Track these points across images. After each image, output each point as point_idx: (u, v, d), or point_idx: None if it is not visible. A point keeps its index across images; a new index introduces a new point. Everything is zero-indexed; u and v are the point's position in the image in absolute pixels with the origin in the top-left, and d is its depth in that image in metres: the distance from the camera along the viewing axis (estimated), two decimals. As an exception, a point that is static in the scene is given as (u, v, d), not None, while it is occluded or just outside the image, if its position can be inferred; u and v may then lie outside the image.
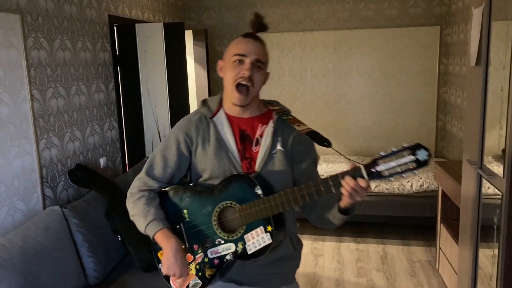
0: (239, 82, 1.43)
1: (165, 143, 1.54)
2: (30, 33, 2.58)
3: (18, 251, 2.04)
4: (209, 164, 1.48)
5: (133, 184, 1.56)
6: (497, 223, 2.09)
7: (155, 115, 3.75)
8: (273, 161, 1.47)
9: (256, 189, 1.40)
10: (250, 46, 1.44)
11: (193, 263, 1.49)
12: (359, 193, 1.27)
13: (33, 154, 2.57)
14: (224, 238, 1.44)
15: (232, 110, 1.53)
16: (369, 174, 1.26)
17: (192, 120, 1.54)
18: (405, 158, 1.21)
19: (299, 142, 1.52)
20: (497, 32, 2.12)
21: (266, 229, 1.40)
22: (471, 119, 2.41)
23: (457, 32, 4.32)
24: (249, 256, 1.42)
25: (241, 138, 1.50)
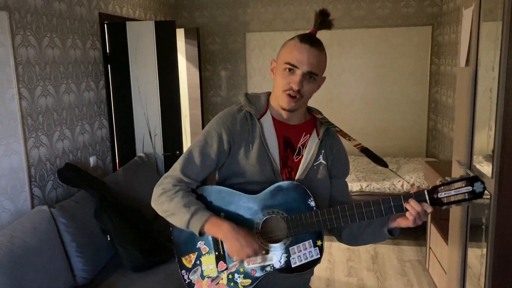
0: (287, 94, 1.35)
1: (205, 139, 1.40)
2: (18, 31, 2.54)
3: (4, 251, 2.01)
4: (249, 168, 1.38)
5: (161, 181, 1.41)
6: (486, 223, 2.10)
7: (146, 114, 3.72)
8: (314, 173, 1.42)
9: (309, 200, 1.34)
10: (304, 56, 1.32)
11: (225, 272, 1.39)
12: (422, 218, 1.28)
13: (21, 153, 2.54)
14: (265, 248, 1.35)
15: (278, 115, 1.43)
16: (431, 200, 1.28)
17: (236, 117, 1.41)
18: (463, 188, 1.26)
19: (340, 157, 1.49)
20: (487, 33, 2.12)
21: (315, 243, 1.35)
22: (461, 119, 2.42)
23: (449, 32, 4.34)
24: (293, 269, 1.35)
25: (284, 145, 1.42)
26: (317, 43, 1.35)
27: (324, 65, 1.38)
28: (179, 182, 1.39)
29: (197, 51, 4.85)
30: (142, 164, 3.50)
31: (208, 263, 1.40)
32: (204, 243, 1.41)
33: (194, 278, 1.41)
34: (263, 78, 5.24)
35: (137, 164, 3.47)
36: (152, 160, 3.73)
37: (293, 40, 1.36)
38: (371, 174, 4.30)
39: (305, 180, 1.39)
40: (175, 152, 3.73)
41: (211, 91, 5.37)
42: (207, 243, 1.41)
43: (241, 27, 5.18)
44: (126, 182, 3.14)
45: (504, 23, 1.86)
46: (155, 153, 3.76)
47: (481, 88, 2.19)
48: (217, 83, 5.35)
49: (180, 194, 1.36)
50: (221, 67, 5.30)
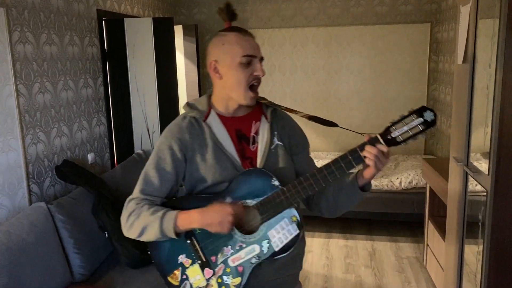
0: (253, 84, 1.36)
1: (157, 155, 1.41)
2: (16, 27, 2.54)
3: (2, 248, 2.01)
4: (209, 171, 1.37)
5: (126, 206, 1.40)
6: (482, 220, 2.11)
7: (144, 110, 3.72)
8: (274, 157, 1.41)
9: (272, 180, 1.32)
10: (253, 44, 1.36)
11: (214, 277, 1.35)
12: (381, 160, 1.27)
13: (18, 149, 2.54)
14: (245, 241, 1.33)
15: (224, 110, 1.43)
16: (385, 141, 1.27)
17: (182, 127, 1.41)
18: (414, 121, 1.24)
19: (295, 133, 1.49)
20: (484, 30, 2.13)
21: (291, 219, 1.32)
22: (458, 116, 2.42)
23: (447, 29, 4.34)
24: (277, 252, 1.31)
25: (238, 138, 1.42)
26: (249, 32, 1.41)
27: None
28: (141, 201, 1.39)
29: (196, 48, 4.84)
30: (140, 161, 3.50)
31: (195, 275, 1.37)
32: (185, 256, 1.38)
33: None
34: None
35: (135, 161, 3.47)
36: (150, 157, 3.72)
37: (230, 35, 1.37)
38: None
39: (266, 165, 1.38)
40: (173, 149, 3.72)
41: (210, 88, 5.36)
42: (188, 255, 1.38)
43: (239, 24, 5.12)
44: (124, 179, 3.14)
45: (501, 20, 1.86)
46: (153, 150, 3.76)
47: (478, 85, 2.19)
48: (216, 80, 5.34)
49: (146, 207, 1.36)
50: (220, 64, 5.29)
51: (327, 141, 5.12)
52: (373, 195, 3.98)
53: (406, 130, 1.25)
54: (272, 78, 5.21)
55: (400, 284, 3.26)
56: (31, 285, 2.09)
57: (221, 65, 1.37)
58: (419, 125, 1.24)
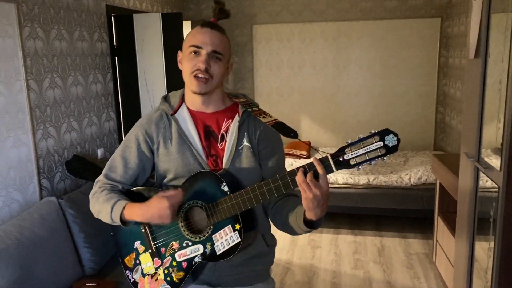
0: (195, 75, 1.36)
1: (125, 143, 1.46)
2: (26, 23, 2.55)
3: (13, 242, 2.04)
4: (172, 163, 1.40)
5: (94, 186, 1.48)
6: (494, 216, 2.09)
7: (153, 106, 3.73)
8: (240, 158, 1.40)
9: (222, 186, 1.33)
10: (206, 37, 1.36)
11: (161, 267, 1.43)
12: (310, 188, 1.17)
13: (29, 144, 2.56)
14: (192, 240, 1.38)
15: (194, 105, 1.44)
16: (336, 163, 1.18)
17: (152, 118, 1.45)
18: (373, 144, 1.15)
19: (266, 137, 1.45)
20: (496, 24, 2.10)
21: (234, 227, 1.33)
22: (469, 112, 2.40)
23: (458, 24, 4.29)
24: (218, 256, 1.35)
25: (206, 135, 1.43)
26: (217, 27, 1.41)
27: (228, 48, 1.42)
28: (104, 185, 1.45)
29: (204, 43, 4.84)
30: (149, 156, 3.52)
31: (146, 261, 1.45)
32: (139, 243, 1.45)
33: (136, 277, 1.47)
34: (270, 71, 5.22)
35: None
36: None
37: (195, 27, 1.42)
38: (378, 167, 4.28)
39: (231, 165, 1.39)
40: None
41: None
42: (142, 242, 1.45)
43: (247, 19, 5.16)
44: (133, 174, 3.16)
45: (514, 14, 1.83)
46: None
47: (490, 80, 2.17)
48: (224, 75, 5.33)
49: (104, 192, 1.41)
50: (228, 60, 5.28)
51: (335, 138, 5.10)
52: (382, 191, 3.97)
53: (362, 153, 1.16)
54: (280, 73, 5.20)
55: (409, 280, 3.24)
56: (43, 278, 2.12)
57: (182, 56, 1.42)
58: (379, 149, 1.15)
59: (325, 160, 1.19)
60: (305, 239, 3.96)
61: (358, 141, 1.17)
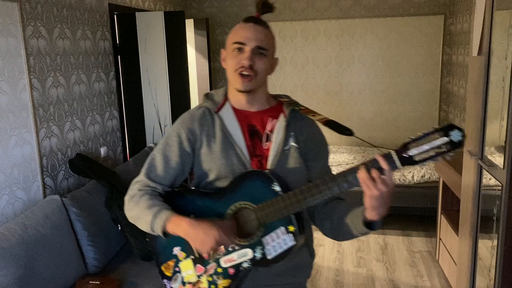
0: (240, 72, 1.30)
1: (166, 141, 1.39)
2: (29, 22, 2.56)
3: (17, 240, 2.05)
4: (215, 163, 1.33)
5: (130, 187, 1.41)
6: (497, 214, 2.08)
7: (156, 104, 3.74)
8: (286, 158, 1.34)
9: (273, 185, 1.26)
10: (250, 32, 1.31)
11: (205, 275, 1.33)
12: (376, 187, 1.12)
13: (33, 143, 2.57)
14: (239, 244, 1.29)
15: (239, 103, 1.39)
16: (401, 160, 1.11)
17: (194, 115, 1.39)
18: (438, 140, 1.09)
19: (313, 138, 1.40)
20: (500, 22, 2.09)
21: (287, 229, 1.26)
22: (473, 109, 2.39)
23: (461, 21, 4.27)
24: (269, 261, 1.27)
25: (250, 134, 1.36)
26: (261, 21, 1.35)
27: (273, 43, 1.37)
28: (144, 186, 1.38)
29: (207, 41, 4.84)
30: (152, 155, 3.52)
31: (187, 269, 1.36)
32: (180, 249, 1.36)
33: (175, 286, 1.39)
34: (273, 69, 5.21)
35: (148, 154, 3.49)
36: (162, 150, 3.75)
37: (238, 24, 1.37)
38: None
39: (277, 166, 1.32)
40: (184, 142, 3.74)
41: (221, 82, 5.36)
42: (183, 248, 1.36)
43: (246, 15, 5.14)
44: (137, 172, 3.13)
45: (518, 11, 1.82)
46: (165, 143, 3.78)
47: (493, 77, 2.16)
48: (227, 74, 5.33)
49: (145, 197, 1.34)
50: (231, 58, 5.28)
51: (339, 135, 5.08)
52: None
53: (426, 149, 1.10)
54: (283, 71, 5.19)
55: (412, 278, 3.24)
56: (46, 276, 2.13)
57: (225, 53, 1.38)
58: (443, 145, 1.09)
59: (389, 156, 1.13)
60: (308, 237, 3.96)
61: (421, 136, 1.11)
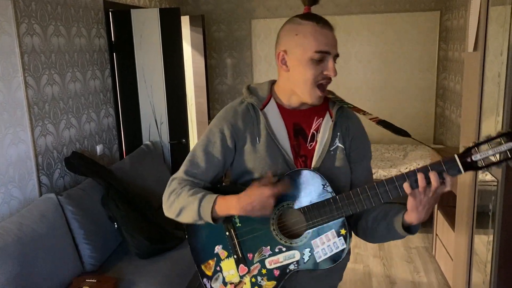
0: (321, 83, 1.23)
1: (208, 137, 1.32)
2: (23, 19, 2.54)
3: (13, 239, 2.04)
4: (259, 162, 1.27)
5: (169, 184, 1.33)
6: (493, 210, 2.09)
7: (152, 102, 3.72)
8: (332, 160, 1.28)
9: (326, 186, 1.21)
10: (330, 39, 1.21)
11: (248, 275, 1.28)
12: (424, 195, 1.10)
13: (28, 141, 2.55)
14: (286, 245, 1.24)
15: (285, 101, 1.31)
16: (463, 165, 1.08)
17: (238, 111, 1.31)
18: (503, 145, 1.04)
19: (359, 138, 1.34)
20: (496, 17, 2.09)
21: (339, 232, 1.21)
22: (468, 105, 2.39)
23: (457, 17, 4.28)
24: (318, 264, 1.22)
25: (295, 133, 1.30)
26: (329, 23, 1.26)
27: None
28: (184, 181, 1.31)
29: (202, 38, 4.82)
30: (148, 152, 3.52)
31: (229, 268, 1.31)
32: (221, 247, 1.31)
33: (216, 286, 1.33)
34: (269, 66, 5.21)
35: (144, 152, 3.48)
36: (159, 148, 3.74)
37: (306, 25, 1.22)
38: (378, 162, 4.28)
39: (322, 168, 1.26)
40: (181, 140, 3.73)
41: (217, 79, 5.35)
42: (224, 246, 1.31)
43: (246, 14, 5.14)
44: (133, 170, 3.16)
45: (513, 6, 1.82)
46: (161, 141, 3.77)
47: (489, 73, 2.16)
48: (223, 71, 5.33)
49: (187, 188, 1.28)
50: (227, 55, 5.28)
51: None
52: (381, 185, 3.95)
53: (491, 155, 1.06)
54: (279, 68, 5.17)
55: (409, 274, 3.25)
56: (43, 274, 2.12)
57: (290, 57, 1.25)
58: (508, 151, 1.04)
59: (452, 161, 1.09)
60: (305, 233, 3.96)
61: (485, 141, 1.07)
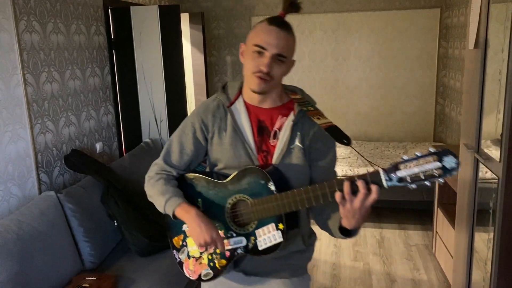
0: (256, 76, 1.34)
1: (182, 129, 1.50)
2: (22, 16, 2.53)
3: (12, 237, 2.03)
4: (224, 154, 1.42)
5: (150, 168, 1.55)
6: (493, 207, 2.09)
7: (151, 99, 3.72)
8: (290, 157, 1.39)
9: (269, 184, 1.32)
10: (272, 38, 1.31)
11: (205, 253, 1.47)
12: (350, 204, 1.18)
13: (27, 139, 2.55)
14: (236, 232, 1.41)
15: (251, 99, 1.44)
16: (388, 179, 1.16)
17: (209, 107, 1.47)
18: (430, 164, 1.09)
19: (319, 139, 1.42)
20: (496, 15, 2.08)
21: (277, 226, 1.35)
22: (469, 102, 2.39)
23: (457, 14, 4.26)
24: (259, 252, 1.38)
25: (259, 130, 1.43)
26: (285, 25, 1.36)
27: (293, 48, 1.38)
28: (161, 170, 1.50)
29: (202, 36, 4.81)
30: (148, 150, 3.51)
31: (192, 245, 1.49)
32: (187, 226, 1.47)
33: (182, 257, 1.53)
34: (269, 63, 5.19)
35: (143, 150, 3.47)
36: (158, 146, 3.73)
37: (262, 22, 1.37)
38: (378, 159, 4.28)
39: (281, 164, 1.39)
40: (180, 137, 3.72)
41: (217, 76, 5.34)
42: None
43: (246, 11, 5.13)
44: (132, 168, 3.15)
45: (514, 3, 1.82)
46: (161, 139, 3.77)
47: (490, 70, 2.16)
48: (223, 68, 5.31)
49: (161, 182, 1.47)
50: (227, 52, 5.26)
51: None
52: (381, 182, 3.95)
53: (417, 172, 1.11)
54: (279, 66, 5.16)
55: (409, 271, 3.25)
56: (42, 272, 2.12)
57: (245, 49, 1.40)
58: (435, 170, 1.10)
59: (376, 175, 1.17)
60: (305, 231, 3.96)
61: (414, 158, 1.12)
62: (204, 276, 1.48)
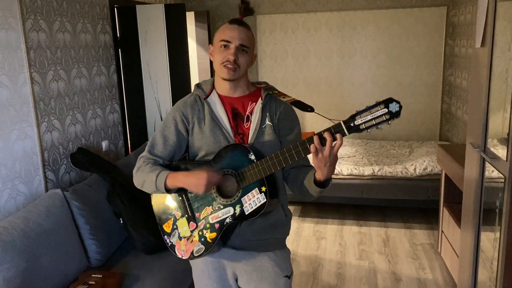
0: (225, 65, 1.56)
1: (164, 123, 1.67)
2: (29, 15, 2.55)
3: (19, 234, 2.05)
4: (205, 141, 1.60)
5: (137, 162, 1.67)
6: (499, 207, 2.08)
7: (157, 98, 3.73)
8: (263, 135, 1.61)
9: (249, 155, 1.53)
10: (234, 32, 1.56)
11: (196, 230, 1.61)
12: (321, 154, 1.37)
13: (34, 137, 2.56)
14: (223, 203, 1.57)
15: (223, 91, 1.65)
16: (348, 128, 1.37)
17: (187, 102, 1.66)
18: (379, 111, 1.34)
19: (285, 116, 1.67)
20: (503, 13, 2.07)
21: (260, 189, 1.53)
22: (476, 101, 2.37)
23: (464, 12, 4.24)
24: (246, 216, 1.54)
25: (233, 116, 1.64)
26: (244, 24, 1.60)
27: (253, 42, 1.62)
28: (148, 159, 1.65)
29: (207, 34, 4.82)
30: (153, 148, 3.52)
31: (183, 226, 1.64)
32: (176, 210, 1.66)
33: (173, 240, 1.66)
34: (274, 62, 5.20)
35: (149, 148, 3.48)
36: (164, 144, 3.74)
37: (225, 24, 1.62)
38: (383, 158, 4.27)
39: (256, 142, 1.60)
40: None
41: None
42: (179, 209, 1.66)
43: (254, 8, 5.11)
44: (138, 166, 3.16)
45: (522, 1, 1.80)
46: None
47: (496, 69, 2.14)
48: (228, 66, 5.31)
49: (149, 165, 1.62)
50: (232, 51, 5.25)
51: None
52: (387, 181, 3.95)
53: (370, 119, 1.35)
54: (285, 64, 5.17)
55: (414, 270, 3.24)
56: (49, 270, 2.13)
57: (213, 49, 1.63)
58: (384, 115, 1.34)
59: (338, 126, 1.38)
60: (310, 230, 3.96)
61: (366, 109, 1.36)
62: (196, 252, 1.60)
